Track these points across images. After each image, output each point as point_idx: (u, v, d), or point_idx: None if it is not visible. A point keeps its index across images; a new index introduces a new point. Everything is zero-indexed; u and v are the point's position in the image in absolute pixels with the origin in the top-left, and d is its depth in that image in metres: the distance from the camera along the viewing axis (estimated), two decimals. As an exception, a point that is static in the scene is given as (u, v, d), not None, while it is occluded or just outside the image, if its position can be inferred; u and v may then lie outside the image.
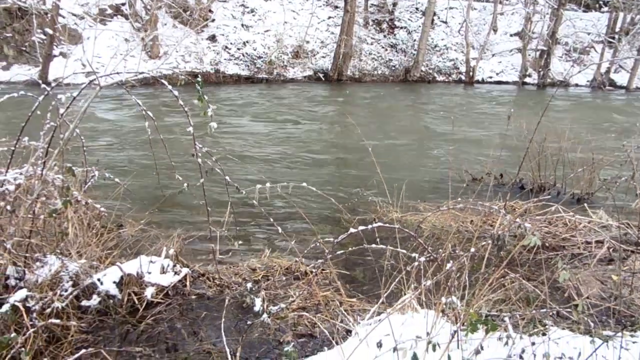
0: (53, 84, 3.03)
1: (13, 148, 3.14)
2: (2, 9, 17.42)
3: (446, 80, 21.47)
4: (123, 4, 19.55)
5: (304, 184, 3.34)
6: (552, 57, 20.94)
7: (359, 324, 2.88)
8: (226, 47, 20.12)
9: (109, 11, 19.55)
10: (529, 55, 21.40)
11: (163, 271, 3.48)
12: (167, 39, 18.72)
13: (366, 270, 4.15)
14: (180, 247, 3.77)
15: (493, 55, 22.42)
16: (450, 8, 23.86)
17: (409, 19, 23.53)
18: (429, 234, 4.57)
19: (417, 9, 23.92)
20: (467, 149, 9.12)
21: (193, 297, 3.46)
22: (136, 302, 3.30)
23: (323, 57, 20.93)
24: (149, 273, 3.43)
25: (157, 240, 3.97)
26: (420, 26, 22.01)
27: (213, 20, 20.60)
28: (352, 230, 2.71)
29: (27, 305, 2.82)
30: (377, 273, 4.06)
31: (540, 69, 21.06)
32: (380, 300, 2.79)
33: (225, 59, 19.62)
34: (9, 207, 2.88)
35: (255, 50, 20.28)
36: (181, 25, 20.01)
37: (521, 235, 4.17)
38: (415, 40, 22.06)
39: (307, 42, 21.08)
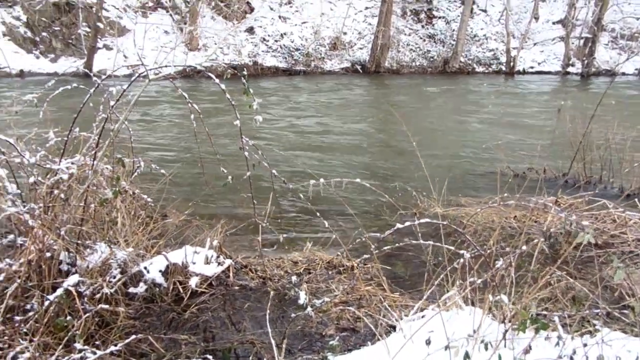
0: (103, 77, 3.11)
1: (66, 139, 3.24)
2: (52, 4, 17.96)
3: (486, 71, 21.00)
4: (164, -3, 19.85)
5: (358, 180, 3.33)
6: (597, 45, 20.17)
7: (402, 319, 2.86)
8: (264, 39, 20.21)
9: (150, 4, 19.88)
10: (573, 43, 20.70)
11: (207, 262, 3.54)
12: (206, 31, 18.92)
13: (407, 266, 4.12)
14: (223, 238, 3.82)
15: (534, 44, 21.77)
16: (490, -4, 23.30)
17: (447, 9, 23.09)
18: (471, 230, 4.50)
19: (456, -3, 23.46)
20: (509, 143, 8.92)
21: (236, 288, 3.51)
22: (181, 291, 3.37)
23: (360, 48, 20.78)
24: (194, 263, 3.49)
25: (200, 231, 4.04)
26: (459, 16, 21.58)
27: (251, 12, 20.70)
28: (398, 225, 2.69)
29: (79, 290, 2.92)
30: (418, 268, 4.03)
31: (584, 58, 20.33)
32: (425, 297, 2.77)
33: (263, 51, 19.72)
34: (62, 196, 2.98)
35: (292, 42, 20.30)
36: (220, 17, 20.19)
37: (567, 232, 4.06)
38: (454, 30, 21.65)
39: (345, 33, 20.96)
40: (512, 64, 20.63)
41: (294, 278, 3.22)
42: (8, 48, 17.22)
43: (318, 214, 3.30)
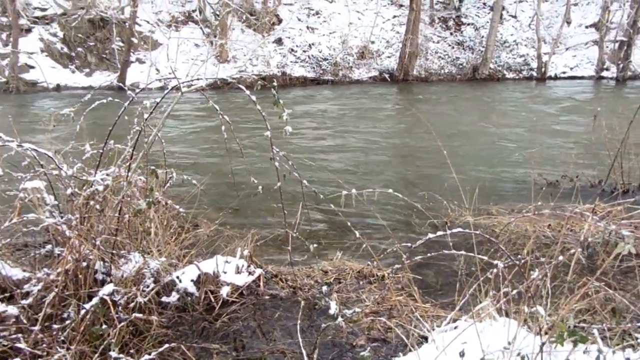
0: (137, 90, 3.18)
1: (101, 151, 3.33)
2: (87, 20, 18.55)
3: (516, 77, 20.69)
4: (194, 11, 20.28)
5: (390, 190, 3.32)
6: (633, 48, 19.63)
7: (434, 330, 2.82)
8: (292, 49, 20.40)
9: (181, 18, 20.32)
10: (607, 47, 20.20)
11: (238, 271, 3.56)
12: (235, 43, 19.22)
13: (438, 275, 4.06)
14: (253, 247, 3.85)
15: (567, 49, 21.34)
16: (520, 1, 22.97)
17: (476, 15, 22.89)
18: (504, 239, 4.42)
19: (484, 4, 23.23)
20: (542, 150, 8.75)
21: (266, 297, 3.52)
22: (212, 300, 3.39)
23: (388, 57, 20.77)
24: (225, 272, 3.52)
25: (231, 241, 4.07)
26: (488, 22, 21.36)
27: (280, 23, 20.94)
28: (430, 235, 2.66)
29: (114, 299, 2.97)
30: (450, 278, 3.97)
31: (619, 62, 19.81)
32: (458, 307, 2.72)
33: (291, 62, 19.90)
34: (98, 207, 3.05)
35: (320, 52, 20.43)
36: (248, 29, 20.48)
37: (606, 241, 3.94)
38: (483, 37, 21.43)
39: (372, 42, 21.00)
40: (543, 69, 20.26)
41: (324, 288, 3.21)
42: (45, 63, 17.84)
43: (349, 223, 3.28)
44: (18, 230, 3.19)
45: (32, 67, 17.57)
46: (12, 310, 2.71)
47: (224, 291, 3.41)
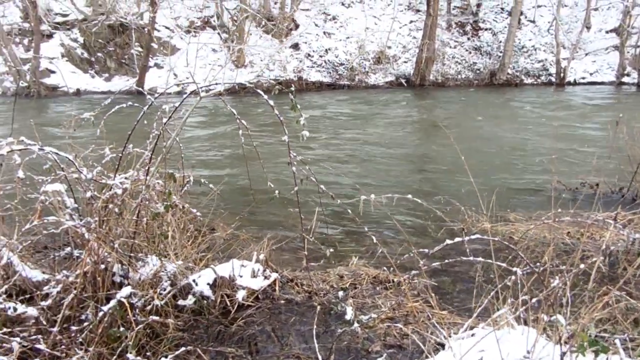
0: (157, 95, 3.22)
1: (120, 155, 3.37)
2: (107, 25, 18.85)
3: (535, 82, 20.49)
4: (211, 17, 20.48)
5: (409, 196, 3.31)
6: (655, 54, 19.35)
7: (451, 337, 2.79)
8: (309, 54, 20.48)
9: (199, 23, 20.53)
10: (628, 52, 19.90)
11: (254, 275, 3.57)
12: (252, 48, 19.36)
13: (455, 282, 4.03)
14: (269, 252, 3.85)
15: (586, 54, 21.08)
16: (539, 6, 22.77)
17: (494, 20, 22.75)
18: (523, 246, 4.36)
19: (502, 9, 23.08)
20: (561, 157, 8.64)
21: (282, 301, 3.52)
22: (228, 304, 3.40)
23: (405, 62, 20.74)
24: (241, 276, 3.53)
25: (247, 245, 4.08)
26: (506, 27, 21.21)
27: (296, 28, 21.04)
28: (448, 241, 2.64)
29: (131, 301, 3.00)
30: (467, 285, 3.93)
31: (641, 67, 19.53)
32: (475, 314, 2.69)
33: (307, 67, 19.98)
34: (116, 210, 3.08)
35: (337, 57, 20.48)
36: (265, 34, 20.62)
37: (627, 249, 3.87)
38: (500, 42, 21.28)
39: (389, 47, 20.98)
40: (562, 75, 20.04)
41: (340, 293, 3.20)
42: (66, 68, 18.16)
43: (366, 228, 3.27)
44: (38, 233, 3.23)
45: (53, 72, 17.89)
46: (32, 311, 2.75)
47: (240, 295, 3.42)
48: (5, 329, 2.54)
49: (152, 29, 17.80)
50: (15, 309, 2.70)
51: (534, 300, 2.36)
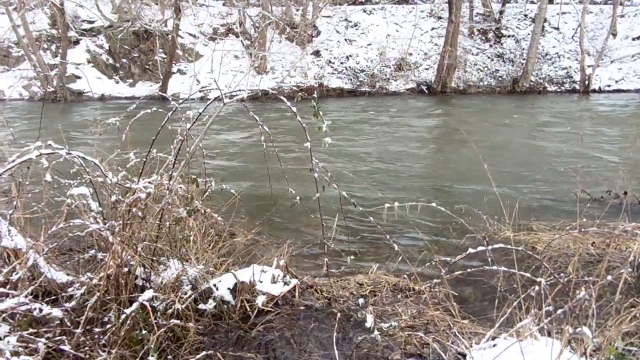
0: (181, 101, 3.26)
1: (144, 159, 3.42)
2: (132, 32, 19.19)
3: (558, 90, 20.21)
4: (234, 24, 20.70)
5: (434, 204, 3.28)
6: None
7: (472, 347, 2.76)
8: (330, 61, 20.55)
9: (222, 30, 20.77)
10: (656, 60, 19.53)
11: (273, 281, 3.58)
12: (274, 55, 19.51)
13: (476, 291, 3.98)
14: (289, 258, 3.86)
15: (612, 61, 20.72)
16: (563, 13, 22.47)
17: (517, 27, 22.53)
18: (546, 256, 4.30)
19: (525, 16, 22.85)
20: (586, 165, 8.49)
21: (301, 308, 3.52)
22: (248, 309, 3.41)
23: (426, 69, 20.66)
24: (261, 282, 3.54)
25: (267, 250, 4.10)
26: (529, 34, 20.99)
27: (318, 35, 21.14)
28: (470, 250, 2.61)
29: (153, 304, 3.03)
30: (488, 294, 3.88)
31: (668, 76, 19.13)
32: (497, 324, 2.65)
33: (328, 73, 20.04)
34: (140, 214, 3.12)
35: (358, 63, 20.51)
36: (287, 41, 20.76)
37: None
38: (524, 49, 21.06)
39: (410, 54, 20.94)
40: (586, 82, 19.73)
41: (360, 300, 3.18)
42: (91, 74, 18.52)
43: (387, 236, 3.25)
44: (64, 235, 3.29)
45: (79, 78, 18.26)
46: (57, 312, 2.80)
47: (260, 300, 3.43)
48: (31, 330, 2.59)
49: (176, 35, 18.06)
50: (41, 310, 2.75)
51: (558, 311, 2.32)
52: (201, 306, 3.39)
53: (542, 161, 9.36)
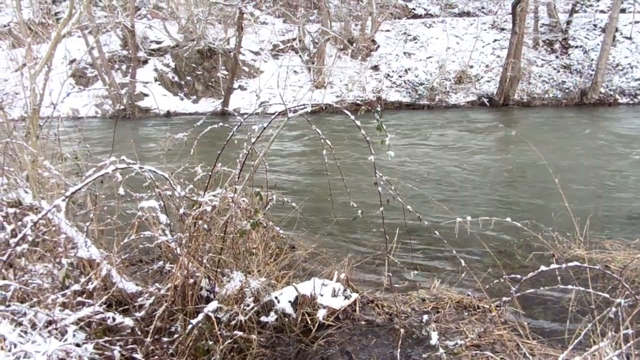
0: (245, 116, 3.35)
1: (210, 173, 3.52)
2: (197, 51, 19.97)
3: (631, 102, 19.15)
4: (294, 39, 21.10)
5: (508, 219, 3.19)
6: None
7: (543, 370, 2.63)
8: (388, 74, 20.49)
9: (281, 46, 21.21)
10: None
11: (334, 294, 3.57)
12: (332, 69, 19.68)
13: (546, 311, 3.80)
14: (350, 271, 3.84)
15: (692, 72, 19.46)
16: (636, 22, 21.34)
17: (585, 37, 21.61)
18: (623, 276, 4.05)
19: (595, 25, 21.88)
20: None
21: (362, 322, 3.48)
22: (309, 322, 3.41)
23: (488, 81, 20.18)
24: (321, 295, 3.54)
25: (327, 263, 4.10)
26: (598, 44, 20.07)
27: (376, 49, 21.17)
28: (543, 267, 2.50)
29: (217, 316, 3.09)
30: (558, 314, 3.71)
31: None
32: (571, 347, 2.52)
33: (387, 87, 19.98)
34: (205, 226, 3.21)
35: (417, 77, 20.34)
36: (345, 55, 20.90)
37: None
38: (592, 60, 20.15)
39: (471, 66, 20.53)
40: (663, 92, 18.61)
41: (424, 317, 3.11)
42: (158, 92, 19.38)
43: (454, 251, 3.17)
44: (135, 247, 3.43)
45: (146, 95, 19.15)
46: (128, 321, 2.91)
47: (321, 314, 3.42)
48: (105, 337, 2.71)
49: (238, 52, 18.60)
50: (114, 319, 2.86)
51: (631, 332, 2.18)
52: (263, 318, 3.42)
53: (614, 176, 8.87)
